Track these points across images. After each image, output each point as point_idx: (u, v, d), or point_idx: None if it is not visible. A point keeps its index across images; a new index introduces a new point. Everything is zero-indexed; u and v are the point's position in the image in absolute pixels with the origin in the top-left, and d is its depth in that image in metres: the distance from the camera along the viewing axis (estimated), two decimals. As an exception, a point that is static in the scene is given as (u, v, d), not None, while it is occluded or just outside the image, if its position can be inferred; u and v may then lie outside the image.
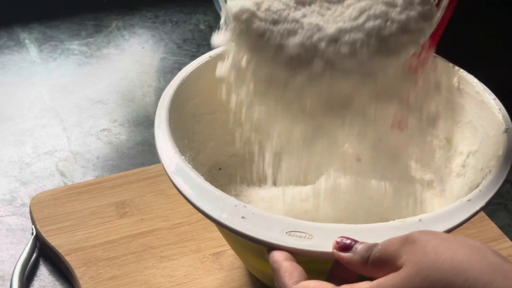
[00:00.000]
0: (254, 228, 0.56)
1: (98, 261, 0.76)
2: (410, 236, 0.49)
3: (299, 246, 0.54)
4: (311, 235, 0.55)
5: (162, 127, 0.66)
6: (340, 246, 0.52)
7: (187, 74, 0.72)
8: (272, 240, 0.55)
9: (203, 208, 0.59)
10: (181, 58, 1.12)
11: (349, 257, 0.52)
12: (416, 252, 0.47)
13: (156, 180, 0.85)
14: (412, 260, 0.47)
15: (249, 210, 0.58)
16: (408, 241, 0.48)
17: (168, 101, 0.69)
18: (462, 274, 0.45)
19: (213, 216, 0.58)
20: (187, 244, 0.78)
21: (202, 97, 0.74)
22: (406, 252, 0.48)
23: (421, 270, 0.46)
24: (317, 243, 0.54)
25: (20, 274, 0.75)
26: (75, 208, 0.81)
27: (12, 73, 1.08)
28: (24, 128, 0.98)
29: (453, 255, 0.46)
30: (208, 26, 1.20)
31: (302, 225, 0.56)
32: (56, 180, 0.89)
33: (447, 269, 0.46)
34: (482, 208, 0.59)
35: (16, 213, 0.85)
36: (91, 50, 1.13)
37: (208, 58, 0.74)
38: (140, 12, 1.22)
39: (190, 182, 0.61)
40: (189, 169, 0.62)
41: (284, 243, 0.55)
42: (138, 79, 1.08)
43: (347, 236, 0.53)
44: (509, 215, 0.87)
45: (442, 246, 0.47)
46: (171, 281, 0.74)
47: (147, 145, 0.95)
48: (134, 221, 0.80)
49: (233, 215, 0.57)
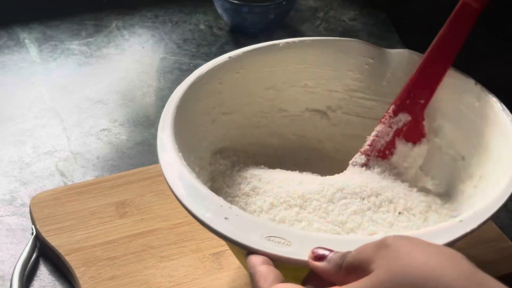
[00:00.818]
0: (236, 230, 0.56)
1: (98, 261, 0.76)
2: (383, 240, 0.48)
3: (276, 252, 0.54)
4: (290, 242, 0.55)
5: (167, 121, 0.66)
6: (315, 256, 0.52)
7: (204, 72, 0.72)
8: (251, 243, 0.55)
9: (188, 206, 0.59)
10: (181, 58, 1.12)
11: (323, 266, 0.52)
12: (388, 257, 0.47)
13: (156, 180, 0.85)
14: (384, 264, 0.46)
15: (233, 212, 0.58)
16: (382, 246, 0.48)
17: (179, 97, 0.69)
18: (434, 281, 0.44)
19: (197, 214, 0.58)
20: (187, 244, 0.78)
21: (217, 97, 0.74)
22: (378, 257, 0.47)
23: (392, 274, 0.46)
24: (294, 250, 0.54)
25: (20, 274, 0.75)
26: (75, 208, 0.81)
27: (12, 73, 1.08)
28: (24, 128, 0.98)
29: (426, 261, 0.45)
30: (208, 26, 1.20)
31: (283, 231, 0.56)
32: (56, 180, 0.89)
33: (419, 275, 0.45)
34: (473, 230, 0.57)
35: (16, 213, 0.85)
36: (91, 50, 1.13)
37: (227, 58, 0.74)
38: (140, 12, 1.22)
39: (182, 178, 0.61)
40: (183, 166, 0.62)
41: (261, 248, 0.55)
42: (138, 79, 1.08)
43: (323, 247, 0.53)
44: (509, 215, 0.87)
45: (416, 251, 0.46)
46: (171, 281, 0.74)
47: (147, 145, 0.95)
48: (134, 221, 0.80)
49: (217, 215, 0.58)
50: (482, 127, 0.69)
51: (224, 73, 0.74)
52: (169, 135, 0.65)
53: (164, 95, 1.04)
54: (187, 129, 0.69)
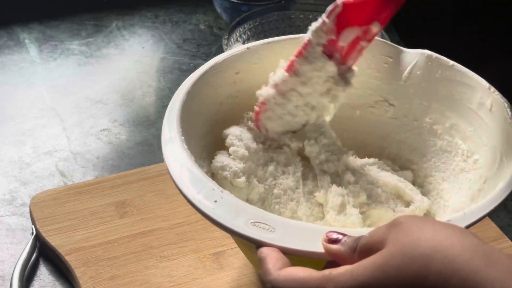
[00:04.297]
0: (222, 213, 0.57)
1: (98, 261, 0.76)
2: (395, 220, 0.50)
3: (259, 237, 0.55)
4: (274, 228, 0.56)
5: (177, 103, 0.67)
6: (329, 239, 0.53)
7: (220, 60, 0.72)
8: (236, 228, 0.56)
9: (181, 186, 0.60)
10: (181, 58, 1.12)
11: (338, 248, 0.52)
12: (400, 233, 0.48)
13: (156, 180, 0.85)
14: (395, 239, 0.48)
15: (224, 196, 0.58)
16: (393, 225, 0.49)
17: (192, 82, 0.69)
18: (442, 251, 0.46)
19: (187, 195, 0.59)
20: (187, 244, 0.78)
21: (231, 86, 0.74)
22: (390, 235, 0.48)
23: (402, 247, 0.47)
24: (277, 237, 0.55)
25: (20, 274, 0.75)
26: (75, 208, 0.81)
27: (12, 73, 1.08)
28: (24, 128, 0.98)
29: (435, 235, 0.47)
30: (208, 26, 1.20)
31: (268, 217, 0.57)
32: (56, 180, 0.89)
33: (428, 246, 0.46)
34: None
35: (16, 213, 0.85)
36: (91, 50, 1.13)
37: (245, 49, 0.74)
38: (140, 12, 1.22)
39: (179, 160, 0.62)
40: (183, 149, 0.62)
41: (245, 232, 0.56)
42: (138, 79, 1.08)
43: (337, 231, 0.53)
44: (509, 215, 0.87)
45: (425, 226, 0.48)
46: (171, 281, 0.74)
47: (147, 145, 0.95)
48: (134, 221, 0.80)
49: (207, 198, 0.58)
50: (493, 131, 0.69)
51: (241, 63, 0.74)
52: (176, 117, 0.66)
53: (164, 95, 1.04)
54: (196, 115, 0.69)
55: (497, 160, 0.67)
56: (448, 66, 0.73)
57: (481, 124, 0.70)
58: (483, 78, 0.71)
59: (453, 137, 0.73)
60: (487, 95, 0.70)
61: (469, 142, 0.72)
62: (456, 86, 0.73)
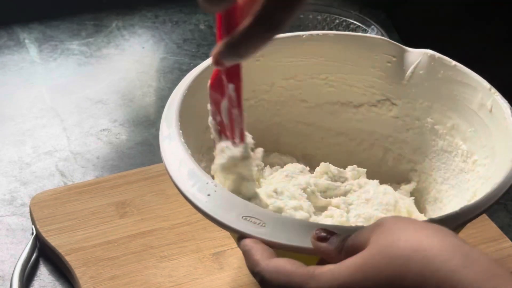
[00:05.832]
0: (214, 207, 0.58)
1: (98, 261, 0.76)
2: (379, 220, 0.50)
3: (250, 231, 0.56)
4: (264, 223, 0.56)
5: (176, 99, 0.67)
6: (318, 237, 0.54)
7: None
8: (227, 221, 0.57)
9: (175, 179, 0.60)
10: (181, 58, 1.12)
11: (325, 247, 0.53)
12: (381, 233, 0.49)
13: (156, 180, 0.85)
14: (376, 240, 0.48)
15: (217, 190, 0.59)
16: (377, 225, 0.50)
17: (193, 78, 0.69)
18: (421, 252, 0.46)
19: (181, 188, 0.60)
20: (187, 244, 0.78)
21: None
22: (373, 235, 0.49)
23: (382, 247, 0.47)
24: (267, 232, 0.56)
25: (20, 274, 0.75)
26: (75, 208, 0.81)
27: (12, 73, 1.08)
28: (24, 128, 0.98)
29: (415, 234, 0.47)
30: (208, 26, 1.20)
31: (259, 212, 0.57)
32: (56, 180, 0.89)
33: (407, 246, 0.46)
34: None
35: (16, 213, 0.85)
36: (91, 50, 1.13)
37: None
38: (140, 12, 1.22)
39: (176, 154, 0.62)
40: (180, 143, 0.63)
41: (236, 226, 0.56)
42: (138, 79, 1.08)
43: (326, 229, 0.54)
44: (509, 215, 0.87)
45: (407, 226, 0.48)
46: (171, 281, 0.74)
47: (147, 145, 0.95)
48: (134, 221, 0.80)
49: (201, 191, 0.59)
50: (492, 132, 0.69)
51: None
52: (175, 112, 0.66)
53: (164, 95, 1.04)
54: (196, 111, 0.69)
55: (495, 161, 0.67)
56: (451, 66, 0.73)
57: (481, 124, 0.70)
58: (483, 78, 0.71)
59: (454, 138, 0.73)
60: (488, 96, 0.70)
61: (469, 143, 0.72)
62: (457, 86, 0.73)
